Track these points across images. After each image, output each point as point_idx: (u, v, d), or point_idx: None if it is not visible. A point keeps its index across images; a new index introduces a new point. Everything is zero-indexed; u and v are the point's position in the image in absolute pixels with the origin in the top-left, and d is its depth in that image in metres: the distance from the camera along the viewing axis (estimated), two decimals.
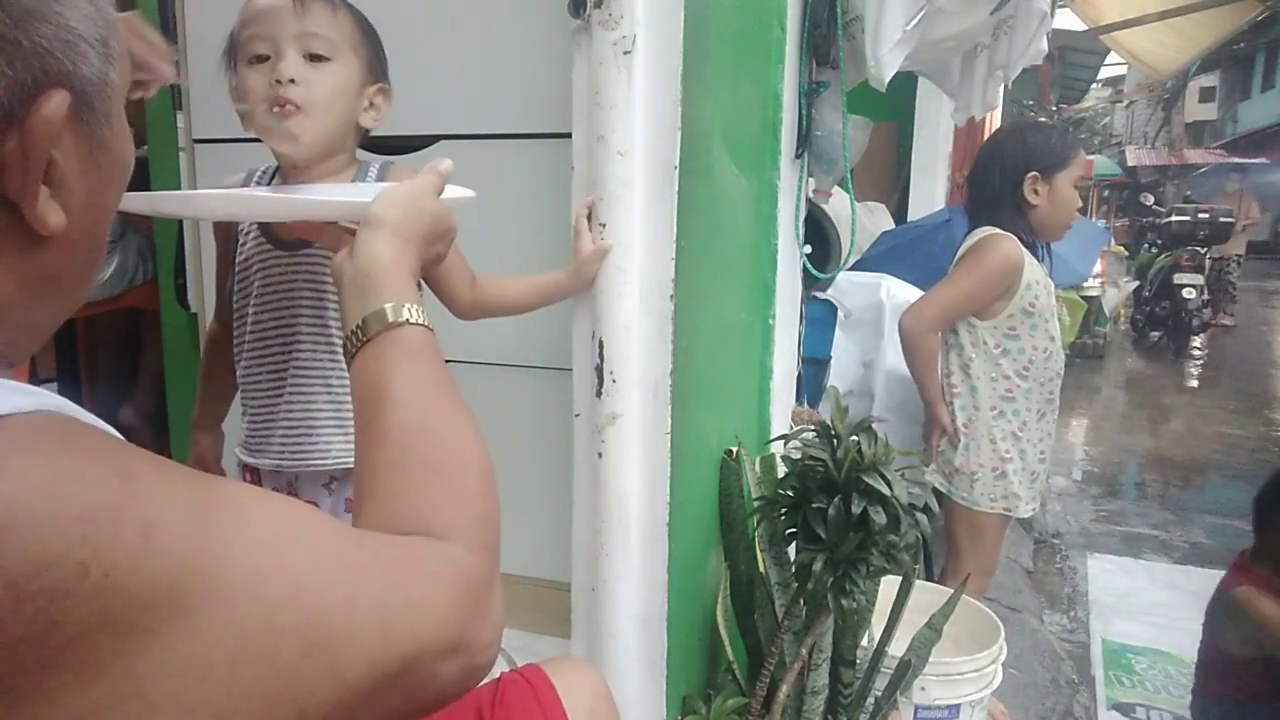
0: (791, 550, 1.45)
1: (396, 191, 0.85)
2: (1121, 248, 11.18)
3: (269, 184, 1.24)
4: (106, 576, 0.41)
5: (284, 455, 1.25)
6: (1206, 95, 24.42)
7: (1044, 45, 2.36)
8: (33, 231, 0.50)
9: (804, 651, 1.39)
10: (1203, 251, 8.48)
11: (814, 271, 2.02)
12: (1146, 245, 9.30)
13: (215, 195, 1.14)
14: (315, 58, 1.13)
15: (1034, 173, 2.09)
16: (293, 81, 1.11)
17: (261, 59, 1.13)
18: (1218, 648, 1.96)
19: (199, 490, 0.48)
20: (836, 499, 1.25)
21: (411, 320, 0.74)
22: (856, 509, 1.23)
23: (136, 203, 0.91)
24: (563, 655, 1.29)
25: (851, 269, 2.81)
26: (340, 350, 1.23)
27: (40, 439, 0.43)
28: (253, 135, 1.19)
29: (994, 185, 2.14)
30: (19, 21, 0.46)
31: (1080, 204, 2.20)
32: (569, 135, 1.30)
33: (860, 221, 2.67)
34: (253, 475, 1.30)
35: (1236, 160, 10.25)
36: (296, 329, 1.23)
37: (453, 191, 0.96)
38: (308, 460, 1.25)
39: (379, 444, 0.67)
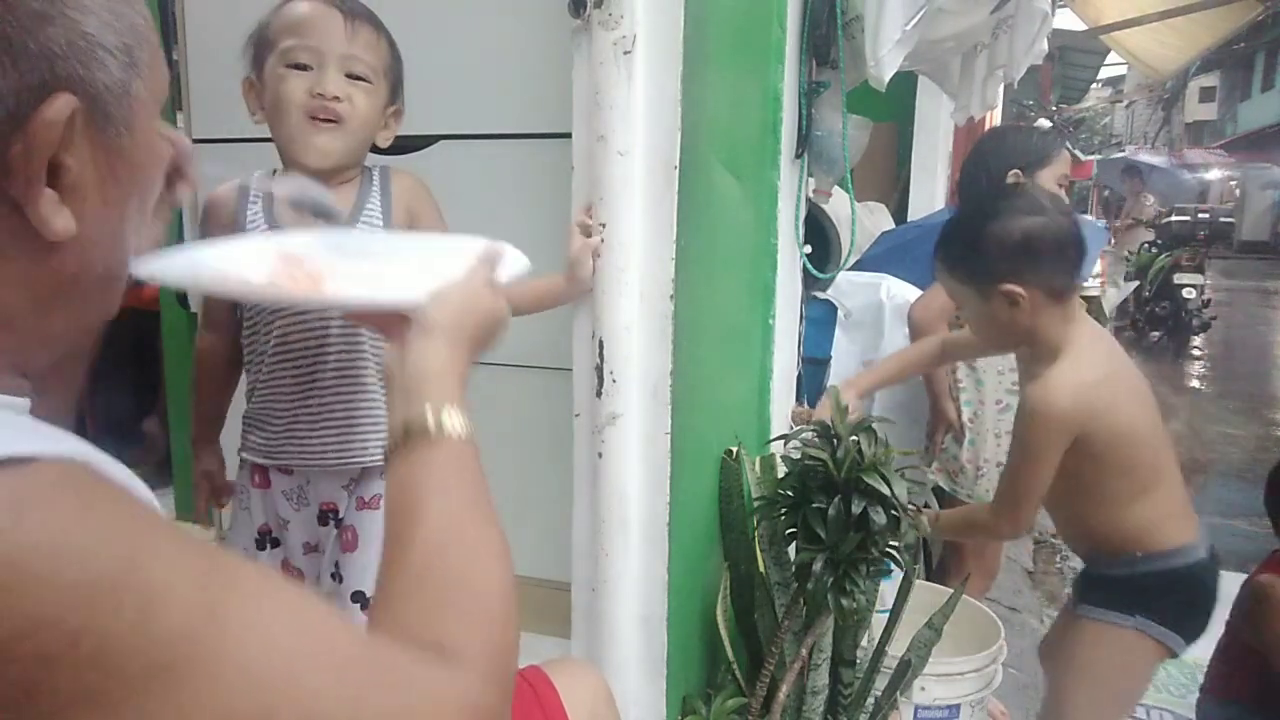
0: (791, 550, 1.45)
1: (450, 293, 0.82)
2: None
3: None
4: (98, 649, 0.40)
5: (325, 455, 1.26)
6: (1206, 95, 24.44)
7: (1044, 45, 2.36)
8: (42, 236, 0.49)
9: (804, 651, 1.39)
10: (1203, 251, 8.49)
11: (814, 271, 2.02)
12: (1146, 245, 9.30)
13: (259, 282, 0.96)
14: (354, 78, 1.15)
15: (1015, 169, 2.12)
16: (336, 98, 1.13)
17: (302, 67, 1.14)
18: (1234, 642, 1.95)
19: (209, 570, 0.46)
20: (836, 499, 1.25)
21: (453, 430, 0.72)
22: (856, 509, 1.23)
23: (176, 272, 0.84)
24: (563, 656, 1.29)
25: (851, 269, 2.81)
26: (367, 349, 1.25)
27: (59, 494, 0.42)
28: (248, 135, 1.19)
29: (980, 184, 2.16)
30: (26, 24, 0.45)
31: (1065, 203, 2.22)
32: (569, 135, 1.30)
33: (860, 221, 2.67)
34: (261, 475, 1.30)
35: (1127, 158, 10.18)
36: (326, 337, 1.24)
37: (509, 269, 0.93)
38: (348, 458, 1.27)
39: (405, 555, 0.65)
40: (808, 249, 2.00)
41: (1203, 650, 2.20)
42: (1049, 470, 1.44)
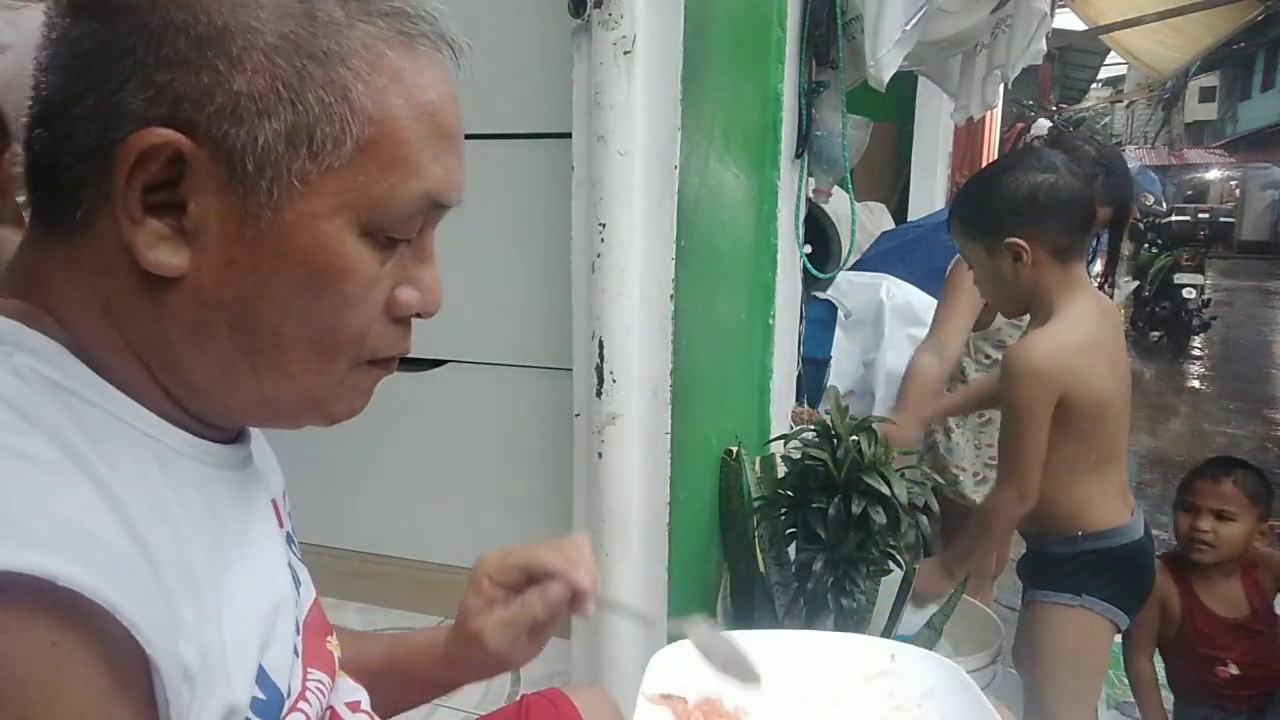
0: (791, 550, 1.45)
1: None
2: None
3: None
4: None
5: None
6: (1206, 95, 24.43)
7: (1043, 45, 2.36)
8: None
9: None
10: (1203, 251, 8.51)
11: (814, 271, 2.02)
12: (1146, 245, 9.31)
13: None
14: None
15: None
16: None
17: None
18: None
19: None
20: (836, 499, 1.25)
21: None
22: (856, 509, 1.23)
23: None
24: (580, 685, 1.30)
25: (851, 269, 2.81)
26: None
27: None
28: None
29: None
30: (169, 60, 0.46)
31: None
32: (569, 135, 1.30)
33: (860, 221, 2.67)
34: None
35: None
36: None
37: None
38: None
39: None
40: (808, 249, 2.00)
41: None
42: (1042, 431, 1.46)
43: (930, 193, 4.73)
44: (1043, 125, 8.67)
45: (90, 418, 0.48)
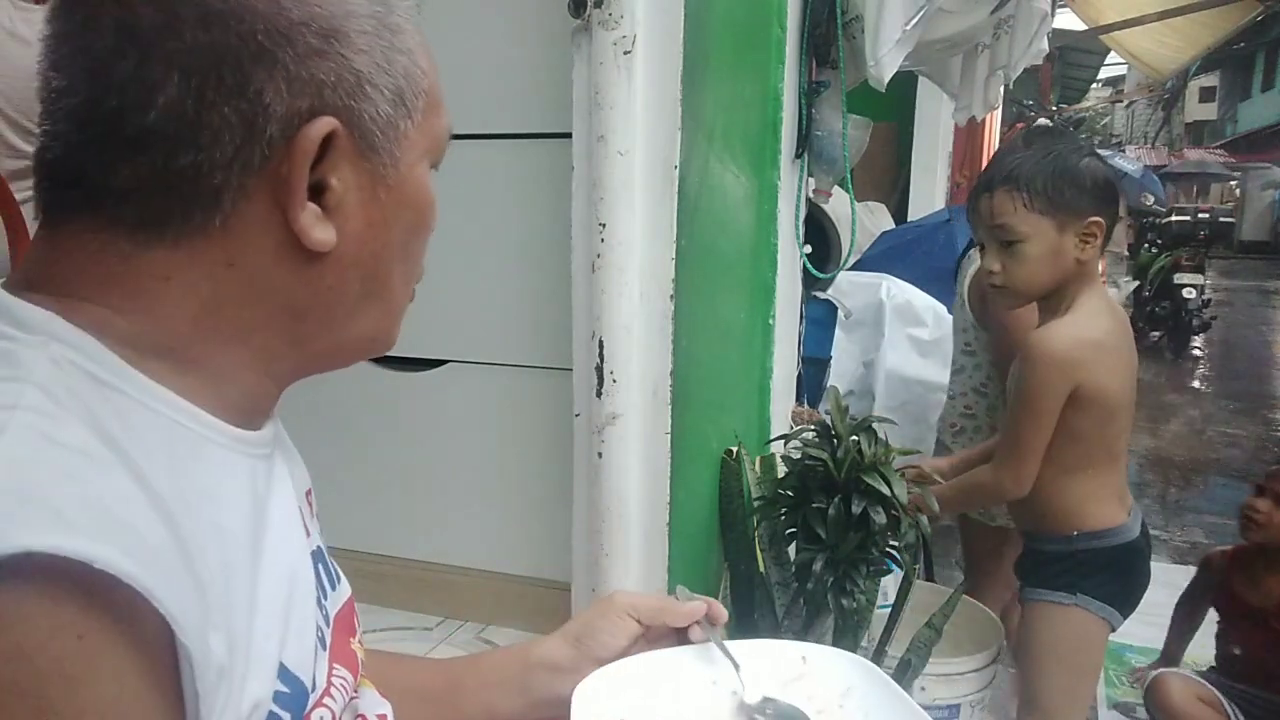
0: (791, 550, 1.45)
1: None
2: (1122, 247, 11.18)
3: None
4: None
5: None
6: (1206, 95, 24.46)
7: (1044, 45, 2.36)
8: (304, 246, 0.53)
9: None
10: (1203, 251, 8.51)
11: (814, 271, 2.03)
12: (1146, 245, 9.31)
13: None
14: None
15: None
16: None
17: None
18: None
19: None
20: (836, 499, 1.25)
21: None
22: (856, 509, 1.23)
23: None
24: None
25: (851, 269, 2.82)
26: None
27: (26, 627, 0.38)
28: None
29: None
30: (302, 55, 0.51)
31: None
32: (569, 135, 1.30)
33: (860, 221, 2.67)
34: None
35: None
36: None
37: None
38: None
39: None
40: (808, 249, 2.00)
41: (1199, 653, 2.21)
42: (1049, 421, 1.46)
43: (930, 193, 4.73)
44: (1043, 125, 8.68)
45: (128, 409, 0.48)
